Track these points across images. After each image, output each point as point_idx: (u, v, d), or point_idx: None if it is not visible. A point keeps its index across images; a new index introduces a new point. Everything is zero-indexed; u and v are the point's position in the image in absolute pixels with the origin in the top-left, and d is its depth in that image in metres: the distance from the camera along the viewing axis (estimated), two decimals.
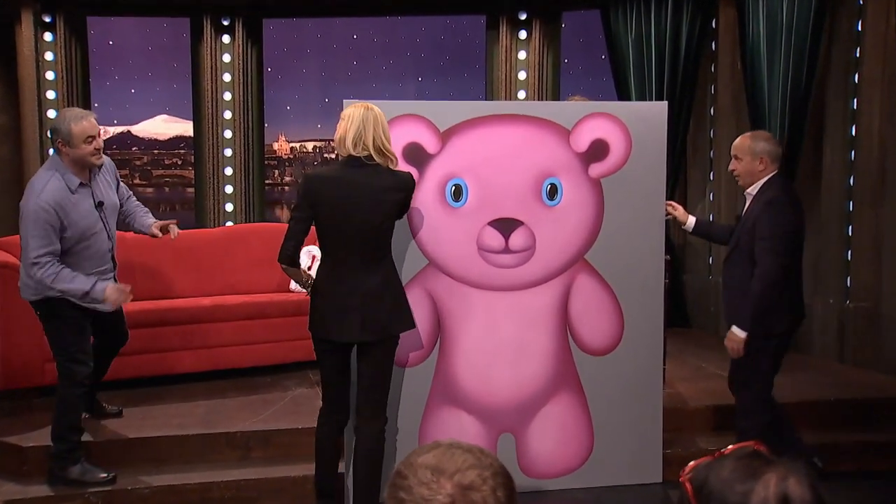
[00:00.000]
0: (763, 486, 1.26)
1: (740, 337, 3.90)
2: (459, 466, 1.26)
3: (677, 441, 4.51)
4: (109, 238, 4.08)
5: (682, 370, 5.41)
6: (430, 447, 1.31)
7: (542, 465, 4.29)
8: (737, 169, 4.04)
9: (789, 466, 1.29)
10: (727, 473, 1.30)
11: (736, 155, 4.03)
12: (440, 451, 1.29)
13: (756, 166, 3.96)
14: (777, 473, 1.27)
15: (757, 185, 3.98)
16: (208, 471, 4.24)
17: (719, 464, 1.32)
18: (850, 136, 5.65)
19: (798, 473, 1.28)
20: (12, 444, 4.25)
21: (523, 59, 7.15)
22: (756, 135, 4.10)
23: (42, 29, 6.88)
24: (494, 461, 1.30)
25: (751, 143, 3.99)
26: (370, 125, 3.48)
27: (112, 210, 4.13)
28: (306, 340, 3.81)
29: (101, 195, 4.05)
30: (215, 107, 7.15)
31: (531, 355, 4.22)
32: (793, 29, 5.57)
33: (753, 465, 1.29)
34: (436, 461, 1.27)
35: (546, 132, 4.14)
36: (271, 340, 5.40)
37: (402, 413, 4.12)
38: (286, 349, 5.39)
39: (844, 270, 5.73)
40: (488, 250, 4.12)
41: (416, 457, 1.30)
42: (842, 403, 4.88)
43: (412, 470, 1.27)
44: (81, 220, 3.91)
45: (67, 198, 3.87)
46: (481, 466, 1.27)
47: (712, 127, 6.70)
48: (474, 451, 1.30)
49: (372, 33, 7.69)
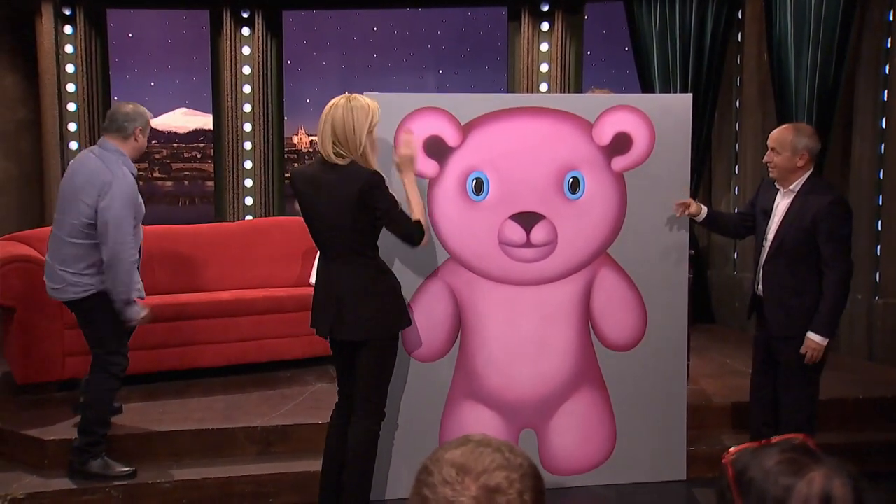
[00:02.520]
0: (807, 484, 1.22)
1: (822, 345, 3.75)
2: (486, 467, 1.21)
3: (701, 438, 4.44)
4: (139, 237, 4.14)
5: (707, 366, 5.34)
6: (459, 442, 1.26)
7: (564, 462, 4.24)
8: (773, 162, 3.83)
9: (835, 466, 1.25)
10: (771, 464, 1.26)
11: (774, 147, 3.83)
12: (468, 449, 1.24)
13: (795, 162, 3.79)
14: (822, 472, 1.23)
15: (798, 182, 3.81)
16: (228, 465, 4.22)
17: (764, 452, 1.28)
18: (881, 128, 5.54)
19: (843, 474, 1.24)
20: (34, 438, 4.26)
21: (545, 52, 7.08)
22: (799, 129, 3.87)
23: (62, 22, 6.90)
24: (525, 461, 1.24)
25: (794, 137, 3.79)
26: (328, 123, 3.42)
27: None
28: None
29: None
30: (235, 100, 7.13)
31: (553, 350, 4.17)
32: (822, 19, 5.46)
33: (799, 461, 1.25)
34: (463, 459, 1.22)
35: (568, 125, 4.08)
36: (291, 335, 5.37)
37: (422, 408, 4.08)
38: (306, 344, 5.36)
39: (874, 266, 5.62)
40: (510, 244, 4.07)
41: (443, 452, 1.25)
42: (870, 402, 4.79)
43: (438, 466, 1.22)
44: (141, 204, 4.03)
45: (134, 187, 3.98)
46: (510, 468, 1.21)
47: (738, 120, 6.60)
48: (504, 449, 1.24)
49: (392, 25, 7.64)
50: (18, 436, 4.31)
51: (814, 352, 3.77)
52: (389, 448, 4.03)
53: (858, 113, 5.67)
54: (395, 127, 3.95)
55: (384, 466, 4.02)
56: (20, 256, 4.81)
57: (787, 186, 3.85)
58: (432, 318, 4.07)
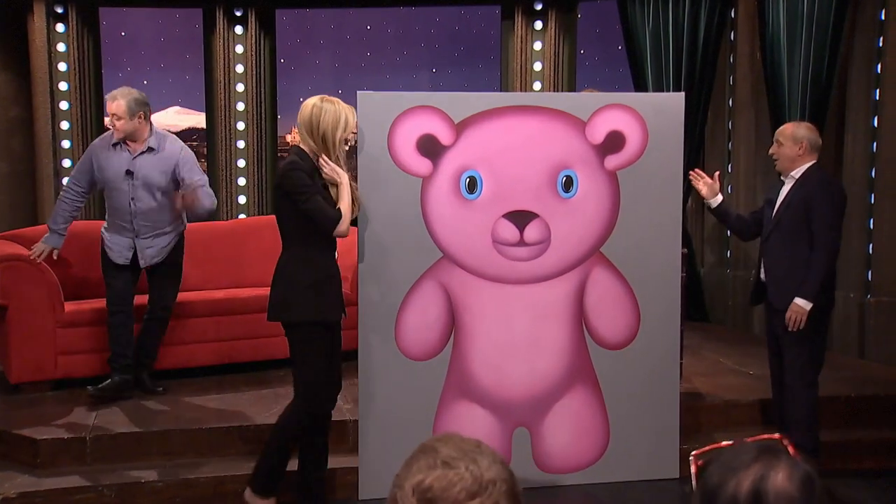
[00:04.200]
0: (744, 474, 1.22)
1: (805, 308, 3.95)
2: (456, 497, 1.14)
3: (694, 437, 4.44)
4: (131, 203, 4.61)
5: (700, 365, 5.35)
6: (424, 463, 1.19)
7: (558, 460, 4.25)
8: (776, 153, 4.16)
9: (786, 461, 1.23)
10: (727, 458, 1.26)
11: (778, 140, 4.16)
12: (437, 476, 1.16)
13: (795, 151, 4.08)
14: (767, 464, 1.22)
15: (799, 170, 4.08)
16: (221, 464, 4.21)
17: (729, 449, 1.29)
18: (873, 126, 5.55)
19: (792, 468, 1.22)
20: (26, 437, 4.24)
21: (539, 50, 7.08)
22: (800, 123, 4.32)
23: (54, 20, 6.86)
24: (497, 473, 1.17)
25: (793, 128, 4.15)
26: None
27: (146, 185, 4.61)
28: None
29: (139, 168, 4.60)
30: (228, 98, 7.12)
31: (546, 349, 4.17)
32: (814, 18, 5.48)
33: (752, 454, 1.25)
34: (431, 492, 1.15)
35: (561, 124, 4.08)
36: (284, 334, 5.34)
37: (416, 407, 4.08)
38: None
39: (865, 264, 5.64)
40: (503, 243, 4.07)
41: (408, 474, 1.18)
42: (862, 400, 4.80)
43: (403, 496, 1.16)
44: (107, 168, 4.62)
45: (104, 144, 4.69)
46: (481, 492, 1.15)
47: (730, 118, 6.61)
48: (472, 465, 1.17)
49: (386, 24, 7.62)
50: (11, 435, 4.29)
51: (796, 314, 3.96)
52: (382, 447, 4.02)
53: (851, 111, 5.69)
54: (389, 125, 3.95)
55: (377, 465, 4.02)
56: (12, 255, 4.80)
57: (789, 173, 4.11)
58: (425, 317, 4.07)
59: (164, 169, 4.63)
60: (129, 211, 4.63)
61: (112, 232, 4.69)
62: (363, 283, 4.03)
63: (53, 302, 4.82)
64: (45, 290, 4.80)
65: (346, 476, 4.15)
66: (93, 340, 4.87)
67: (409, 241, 4.02)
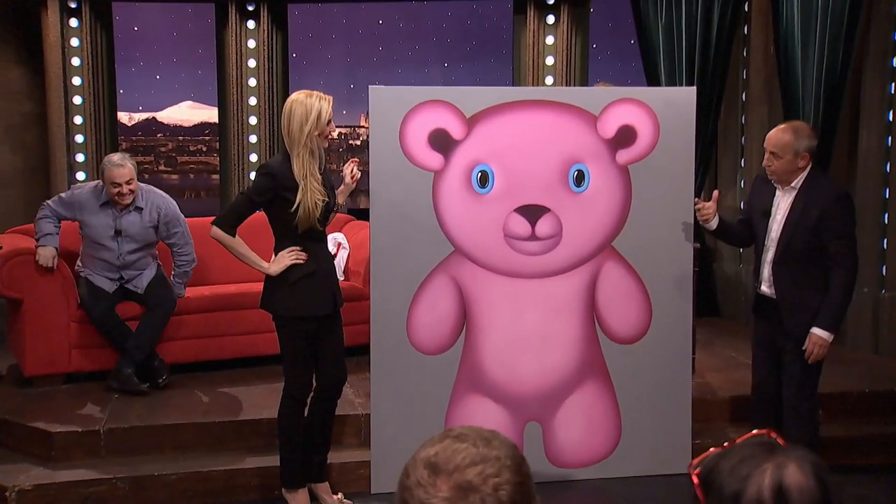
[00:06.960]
0: (760, 475, 1.22)
1: (828, 340, 3.69)
2: (458, 464, 1.19)
3: (706, 431, 4.44)
4: (118, 259, 4.79)
5: (712, 359, 5.34)
6: (437, 439, 1.25)
7: (569, 455, 4.25)
8: (773, 166, 3.73)
9: (791, 454, 1.24)
10: (732, 462, 1.26)
11: (774, 152, 3.71)
12: (443, 447, 1.22)
13: (797, 164, 3.70)
14: (776, 461, 1.23)
15: (799, 180, 3.73)
16: (234, 458, 4.23)
17: (728, 453, 1.28)
18: (888, 120, 5.51)
19: (800, 460, 1.23)
20: (40, 430, 4.27)
21: (551, 45, 7.06)
22: (797, 130, 3.73)
23: (68, 15, 6.89)
24: (503, 451, 1.22)
25: (794, 140, 3.67)
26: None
27: (135, 241, 4.81)
28: None
29: (127, 226, 4.78)
30: (240, 93, 7.13)
31: (557, 343, 4.17)
32: (828, 11, 5.43)
33: (758, 455, 1.25)
34: (435, 458, 1.20)
35: (573, 118, 4.07)
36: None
37: (428, 401, 4.09)
38: None
39: (880, 259, 5.60)
40: (514, 237, 4.06)
41: (420, 451, 1.23)
42: (876, 395, 4.78)
43: (413, 467, 1.21)
44: (95, 227, 4.76)
45: (92, 203, 4.77)
46: (484, 461, 1.19)
47: (744, 113, 6.57)
48: (479, 443, 1.22)
49: (397, 18, 7.63)
50: (25, 428, 4.33)
51: (819, 347, 3.70)
52: (394, 441, 4.03)
53: (865, 105, 5.64)
54: (401, 120, 3.95)
55: (388, 459, 4.03)
56: (27, 249, 4.83)
57: (788, 185, 3.77)
58: (437, 312, 4.07)
59: (151, 224, 4.85)
60: (116, 264, 4.83)
61: (96, 272, 4.84)
62: (375, 278, 4.04)
63: (67, 296, 4.85)
64: (60, 284, 4.82)
65: (359, 470, 4.17)
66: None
67: (421, 236, 4.03)
